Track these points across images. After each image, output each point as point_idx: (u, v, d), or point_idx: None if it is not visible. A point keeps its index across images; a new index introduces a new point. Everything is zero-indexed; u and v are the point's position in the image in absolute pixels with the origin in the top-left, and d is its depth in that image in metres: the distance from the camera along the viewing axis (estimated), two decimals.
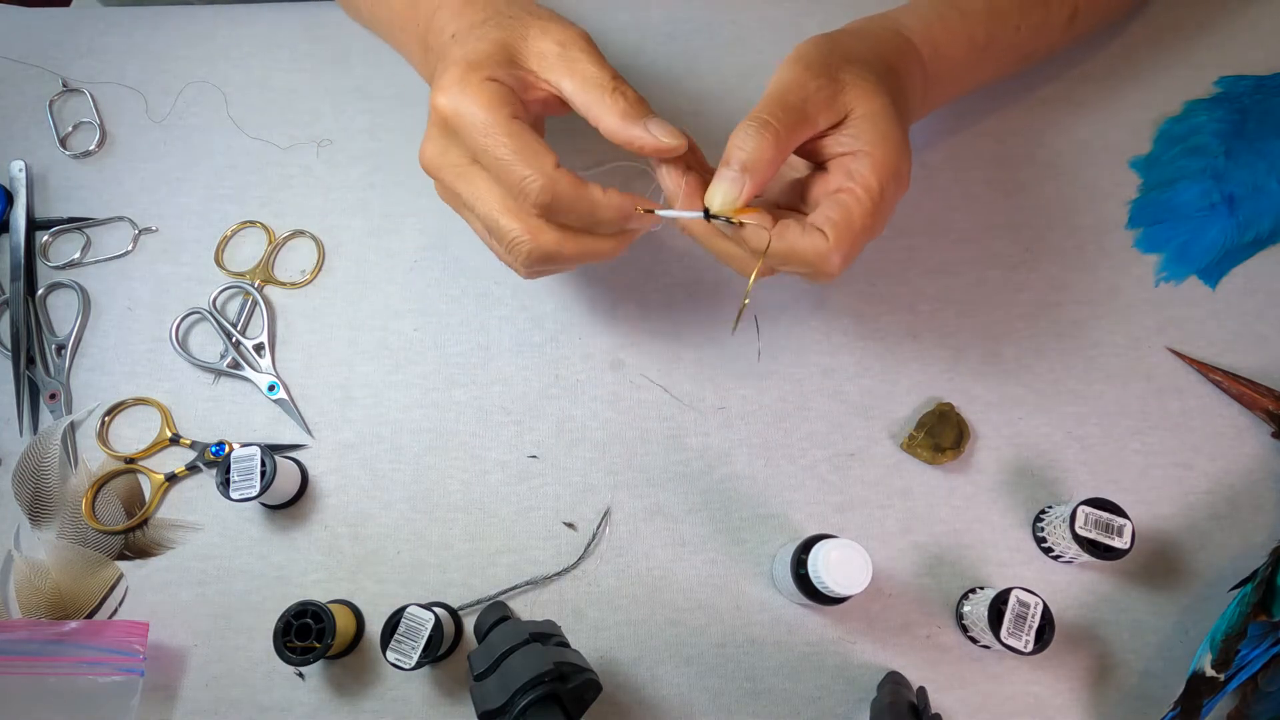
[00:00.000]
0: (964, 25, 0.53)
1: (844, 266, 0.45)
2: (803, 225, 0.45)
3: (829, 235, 0.44)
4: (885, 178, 0.44)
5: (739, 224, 0.44)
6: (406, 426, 0.57)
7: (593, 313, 0.59)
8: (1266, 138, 0.62)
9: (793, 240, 0.44)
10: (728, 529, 0.55)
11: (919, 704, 0.47)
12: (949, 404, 0.56)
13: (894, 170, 0.45)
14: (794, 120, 0.44)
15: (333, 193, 0.63)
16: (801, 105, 0.44)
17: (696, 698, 0.52)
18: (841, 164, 0.46)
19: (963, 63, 0.54)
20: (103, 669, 0.51)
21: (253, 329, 0.59)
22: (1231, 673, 0.48)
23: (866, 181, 0.44)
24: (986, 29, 0.54)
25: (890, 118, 0.45)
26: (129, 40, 0.67)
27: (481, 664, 0.44)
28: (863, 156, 0.45)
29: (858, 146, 0.45)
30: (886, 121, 0.45)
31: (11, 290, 0.60)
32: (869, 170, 0.44)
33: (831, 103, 0.45)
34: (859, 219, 0.44)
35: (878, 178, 0.44)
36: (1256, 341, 0.58)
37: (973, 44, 0.54)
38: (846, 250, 0.44)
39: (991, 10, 0.54)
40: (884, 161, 0.44)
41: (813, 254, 0.44)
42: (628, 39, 0.67)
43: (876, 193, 0.44)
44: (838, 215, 0.44)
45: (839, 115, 0.45)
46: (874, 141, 0.44)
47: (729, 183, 0.43)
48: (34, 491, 0.56)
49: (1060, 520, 0.51)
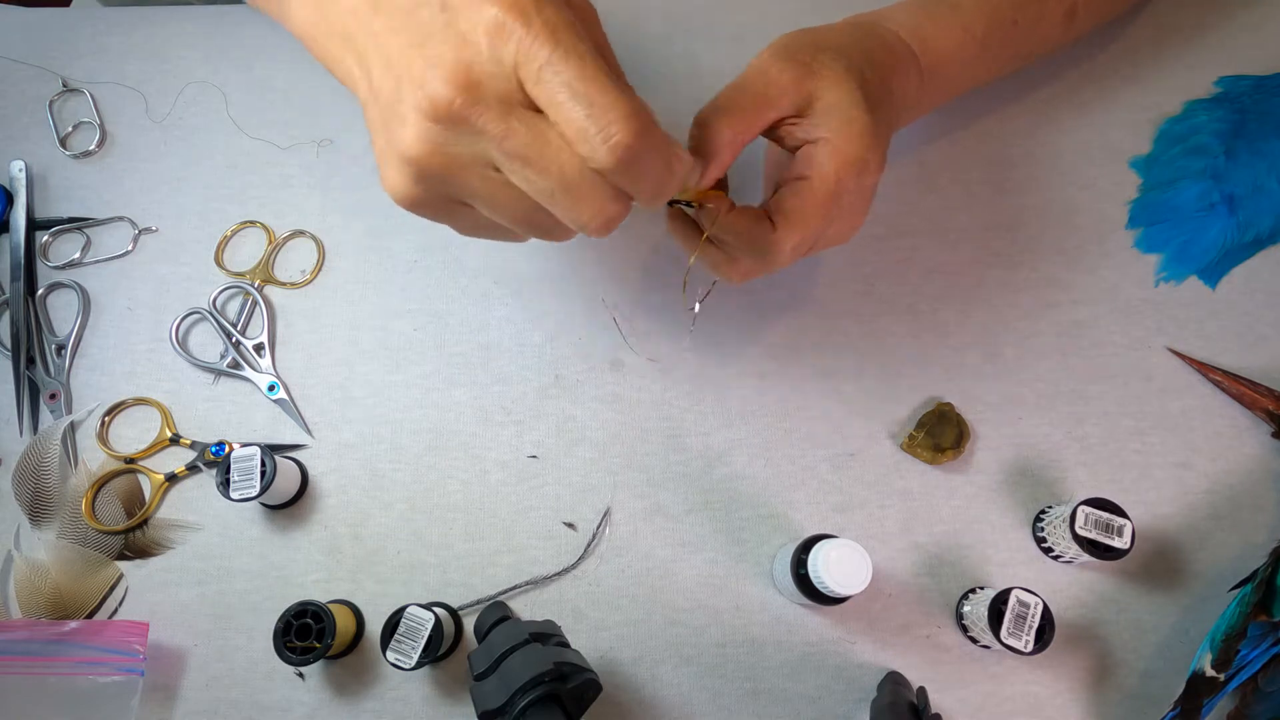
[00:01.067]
0: (955, 18, 0.53)
1: (796, 255, 0.45)
2: (758, 212, 0.45)
3: (776, 223, 0.44)
4: (843, 166, 0.44)
5: (697, 206, 0.45)
6: (406, 426, 0.57)
7: (593, 313, 0.59)
8: (1266, 138, 0.62)
9: (747, 224, 0.44)
10: (728, 529, 0.55)
11: (919, 704, 0.47)
12: (949, 404, 0.56)
13: (854, 157, 0.44)
14: (752, 104, 0.43)
15: (333, 193, 0.63)
16: (763, 90, 0.44)
17: (696, 698, 0.52)
18: (805, 151, 0.45)
19: (958, 56, 0.54)
20: (103, 669, 0.51)
21: (253, 329, 0.59)
22: (1231, 673, 0.48)
23: (823, 170, 0.44)
24: (981, 22, 0.54)
25: (856, 104, 0.44)
26: (129, 40, 0.67)
27: (481, 664, 0.44)
28: (823, 144, 0.44)
29: (820, 134, 0.44)
30: (852, 108, 0.44)
31: (11, 290, 0.60)
32: (827, 158, 0.44)
33: (796, 86, 0.44)
34: (812, 208, 0.44)
35: (834, 166, 0.44)
36: (1256, 341, 0.58)
37: (967, 36, 0.53)
38: (798, 239, 0.44)
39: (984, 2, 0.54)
40: (844, 149, 0.44)
41: (763, 240, 0.44)
42: (628, 39, 0.67)
43: (831, 181, 0.44)
44: (790, 203, 0.44)
45: (803, 100, 0.44)
46: (835, 129, 0.44)
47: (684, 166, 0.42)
48: (34, 491, 0.56)
49: (1060, 520, 0.51)
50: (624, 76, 0.39)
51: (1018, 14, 0.55)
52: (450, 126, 0.34)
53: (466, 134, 0.34)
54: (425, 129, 0.34)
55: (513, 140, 0.34)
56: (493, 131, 0.34)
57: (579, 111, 0.33)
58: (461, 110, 0.33)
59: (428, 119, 0.34)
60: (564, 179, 0.35)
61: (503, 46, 0.33)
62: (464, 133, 0.34)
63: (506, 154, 0.34)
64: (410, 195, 0.37)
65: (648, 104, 0.37)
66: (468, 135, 0.34)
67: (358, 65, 0.37)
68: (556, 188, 0.35)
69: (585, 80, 0.33)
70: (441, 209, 0.39)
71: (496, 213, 0.38)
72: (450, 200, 0.38)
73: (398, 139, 0.35)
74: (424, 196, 0.37)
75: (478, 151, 0.35)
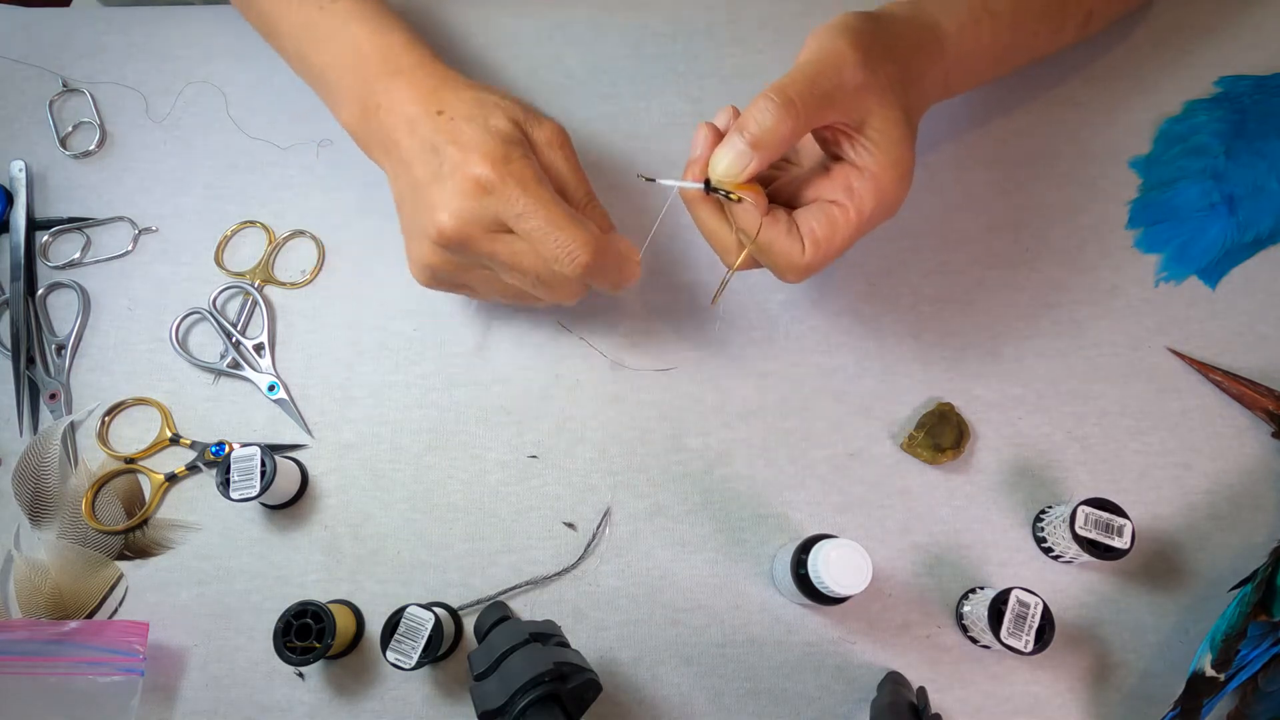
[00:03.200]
0: (992, 27, 0.52)
1: (810, 275, 0.46)
2: (789, 226, 0.45)
3: (807, 248, 0.44)
4: (880, 206, 0.44)
5: (737, 199, 0.44)
6: (406, 426, 0.57)
7: (592, 313, 0.59)
8: (1266, 138, 0.62)
9: (774, 237, 0.44)
10: (728, 529, 0.55)
11: (919, 704, 0.47)
12: (949, 404, 0.56)
13: (891, 199, 0.45)
14: (819, 104, 0.42)
15: (333, 193, 0.63)
16: (831, 90, 0.42)
17: (696, 698, 0.52)
18: (845, 175, 0.45)
19: (982, 66, 0.54)
20: (103, 669, 0.51)
21: (253, 329, 0.59)
22: (1231, 673, 0.48)
23: (862, 205, 0.44)
24: (1011, 32, 0.53)
25: (904, 141, 0.44)
26: (129, 40, 0.67)
27: (481, 664, 0.44)
28: (869, 178, 0.44)
29: (868, 164, 0.44)
30: (901, 146, 0.44)
31: (11, 290, 0.60)
32: (869, 194, 0.44)
33: (858, 97, 0.43)
34: (841, 240, 0.44)
35: (874, 204, 0.44)
36: (1256, 341, 0.58)
37: (995, 44, 0.53)
38: (819, 265, 0.45)
39: (1016, 14, 0.53)
40: (887, 189, 0.44)
41: (785, 260, 0.45)
42: (628, 39, 0.67)
43: (866, 219, 0.44)
44: (822, 231, 0.44)
45: (859, 114, 0.44)
46: (884, 165, 0.44)
47: (736, 154, 0.42)
48: (34, 491, 0.56)
49: (1060, 520, 0.51)
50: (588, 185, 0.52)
51: (1041, 24, 0.55)
52: (451, 250, 0.47)
53: (464, 253, 0.47)
54: (435, 249, 0.48)
55: (499, 257, 0.47)
56: (484, 251, 0.47)
57: (549, 243, 0.45)
58: (459, 239, 0.46)
59: (436, 244, 0.47)
60: (538, 279, 0.47)
61: (486, 200, 0.45)
62: (462, 252, 0.47)
63: (495, 264, 0.48)
64: (428, 283, 0.52)
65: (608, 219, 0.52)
66: (465, 254, 0.47)
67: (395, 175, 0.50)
68: (534, 283, 0.48)
69: (551, 222, 0.45)
70: (454, 290, 0.53)
71: (494, 296, 0.52)
72: (460, 286, 0.52)
73: (417, 251, 0.49)
74: (439, 285, 0.52)
75: (475, 260, 0.48)
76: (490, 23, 0.67)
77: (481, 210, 0.45)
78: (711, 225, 0.47)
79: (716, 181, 0.44)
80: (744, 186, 0.44)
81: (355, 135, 0.53)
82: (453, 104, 0.48)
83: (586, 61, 0.66)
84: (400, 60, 0.51)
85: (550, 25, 0.67)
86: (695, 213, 0.48)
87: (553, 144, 0.50)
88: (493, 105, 0.48)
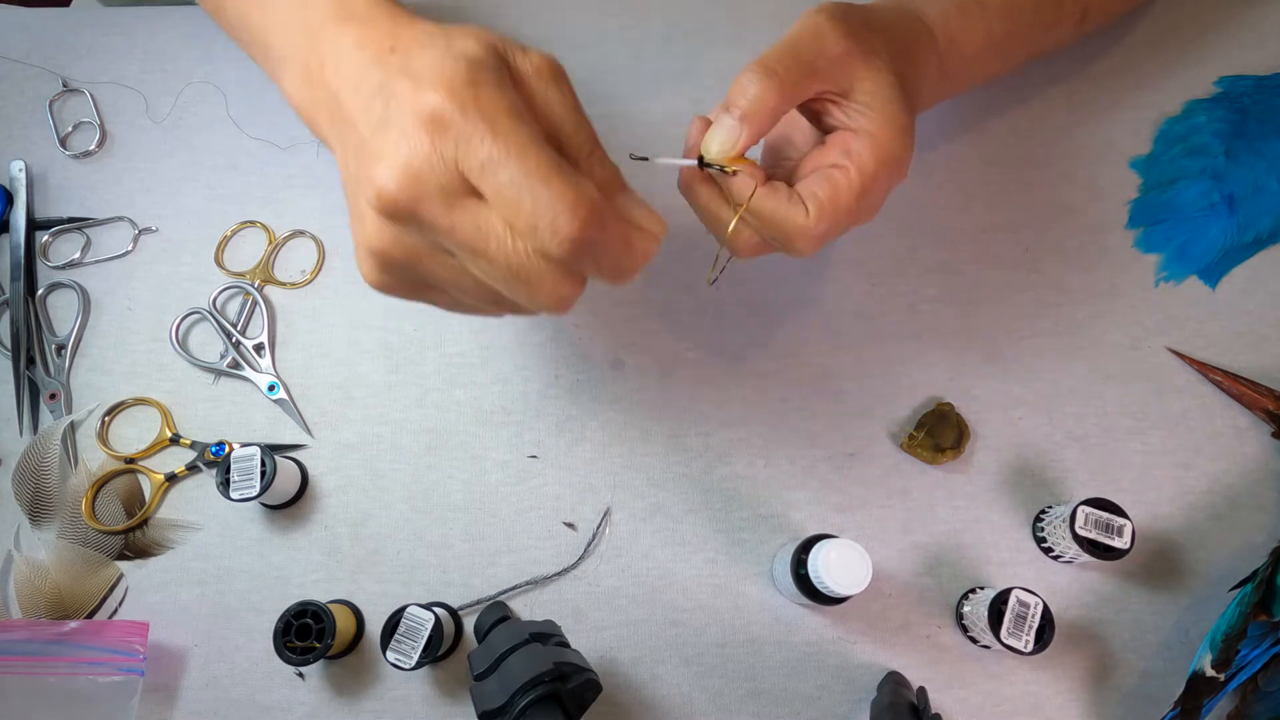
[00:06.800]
0: (983, 20, 0.52)
1: (820, 245, 0.44)
2: (790, 193, 0.43)
3: (811, 211, 0.43)
4: (881, 163, 0.43)
5: (731, 173, 0.43)
6: (406, 426, 0.57)
7: (592, 313, 0.59)
8: (1266, 138, 0.62)
9: (776, 205, 0.43)
10: (728, 529, 0.55)
11: (919, 704, 0.47)
12: (949, 404, 0.56)
13: (893, 157, 0.43)
14: (802, 73, 0.42)
15: (333, 193, 0.63)
16: (814, 59, 0.42)
17: (696, 698, 0.52)
18: (841, 139, 0.44)
19: (976, 58, 0.53)
20: (103, 669, 0.51)
21: (253, 329, 0.59)
22: (1231, 673, 0.48)
23: (862, 163, 0.43)
24: (1003, 25, 0.53)
25: (898, 101, 0.44)
26: (129, 40, 0.67)
27: (481, 664, 0.44)
28: (864, 136, 0.43)
29: (862, 125, 0.43)
30: (895, 105, 0.44)
31: (11, 290, 0.60)
32: (867, 152, 0.43)
33: (845, 61, 0.43)
34: (845, 200, 0.43)
35: (874, 162, 0.43)
36: (1256, 341, 0.58)
37: (989, 39, 0.53)
38: (826, 229, 0.43)
39: (1009, 6, 0.53)
40: (885, 146, 0.43)
41: (791, 225, 0.43)
42: (628, 39, 0.67)
43: (869, 177, 0.43)
44: (824, 193, 0.43)
45: (845, 81, 0.43)
46: (879, 124, 0.43)
47: (726, 130, 0.42)
48: (34, 491, 0.56)
49: (1060, 520, 0.51)
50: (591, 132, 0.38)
51: (1036, 18, 0.55)
52: (399, 221, 0.34)
53: (417, 227, 0.34)
54: (379, 223, 0.35)
55: (459, 234, 0.34)
56: (439, 225, 0.34)
57: (524, 206, 0.32)
58: (406, 206, 0.33)
59: (379, 214, 0.34)
60: (511, 268, 0.34)
61: (442, 141, 0.33)
62: (414, 226, 0.34)
63: (456, 245, 0.34)
64: (380, 282, 0.38)
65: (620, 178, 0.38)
66: (418, 228, 0.34)
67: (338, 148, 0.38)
68: (506, 276, 0.35)
69: (527, 173, 0.32)
70: (414, 293, 0.39)
71: (464, 296, 0.38)
72: (420, 285, 0.39)
73: (360, 232, 0.36)
74: (394, 283, 0.38)
75: (434, 241, 0.35)
76: (490, 25, 0.67)
77: (435, 157, 0.33)
78: (711, 209, 0.45)
79: (712, 158, 0.43)
80: (738, 161, 0.43)
81: (300, 108, 0.42)
82: (409, 38, 0.36)
83: (587, 62, 0.66)
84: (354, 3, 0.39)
85: (550, 26, 0.67)
86: (693, 198, 0.46)
87: (543, 74, 0.37)
88: (461, 31, 0.36)
